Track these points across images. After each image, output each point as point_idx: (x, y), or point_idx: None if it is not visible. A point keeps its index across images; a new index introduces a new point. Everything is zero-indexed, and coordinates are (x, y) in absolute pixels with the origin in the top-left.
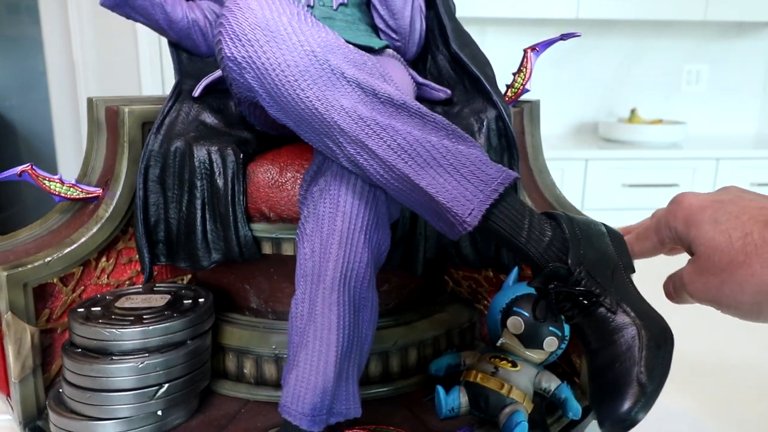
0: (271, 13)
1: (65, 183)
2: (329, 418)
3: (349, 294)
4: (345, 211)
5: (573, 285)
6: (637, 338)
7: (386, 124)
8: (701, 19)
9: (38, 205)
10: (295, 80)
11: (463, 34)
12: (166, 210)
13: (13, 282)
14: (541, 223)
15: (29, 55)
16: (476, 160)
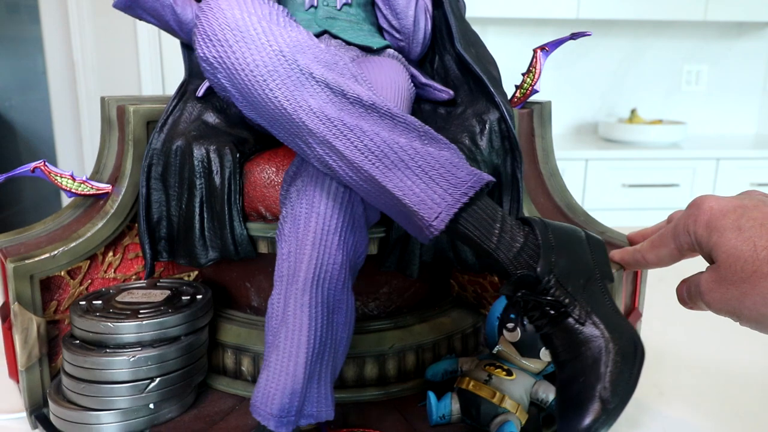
0: (241, 13)
1: (76, 179)
2: (299, 420)
3: (323, 295)
4: (319, 212)
5: (541, 294)
6: (604, 352)
7: (353, 124)
8: (701, 19)
9: (38, 205)
10: (263, 80)
11: (470, 34)
12: (168, 207)
13: (20, 274)
14: (514, 229)
15: (29, 54)
16: (446, 163)
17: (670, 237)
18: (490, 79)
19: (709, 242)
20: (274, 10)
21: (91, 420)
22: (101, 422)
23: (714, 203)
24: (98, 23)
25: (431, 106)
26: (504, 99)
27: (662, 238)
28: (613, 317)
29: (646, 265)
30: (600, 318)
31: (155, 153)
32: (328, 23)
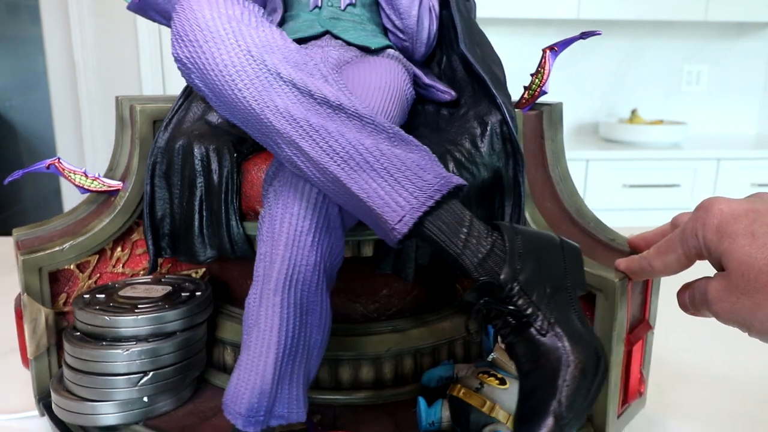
0: (211, 12)
1: (89, 176)
2: (270, 420)
3: (295, 296)
4: (293, 212)
5: (503, 302)
6: (563, 365)
7: (319, 125)
8: (701, 20)
9: (38, 206)
10: (232, 80)
11: (476, 34)
12: (171, 205)
13: (29, 266)
14: (482, 235)
15: (30, 55)
16: (413, 165)
17: (678, 242)
18: (493, 80)
19: (720, 248)
20: (246, 11)
21: (88, 410)
22: (97, 413)
23: (724, 206)
24: (99, 23)
25: (435, 107)
26: (507, 100)
27: (669, 243)
28: (578, 329)
29: (652, 273)
30: (563, 329)
31: (159, 151)
32: (331, 23)
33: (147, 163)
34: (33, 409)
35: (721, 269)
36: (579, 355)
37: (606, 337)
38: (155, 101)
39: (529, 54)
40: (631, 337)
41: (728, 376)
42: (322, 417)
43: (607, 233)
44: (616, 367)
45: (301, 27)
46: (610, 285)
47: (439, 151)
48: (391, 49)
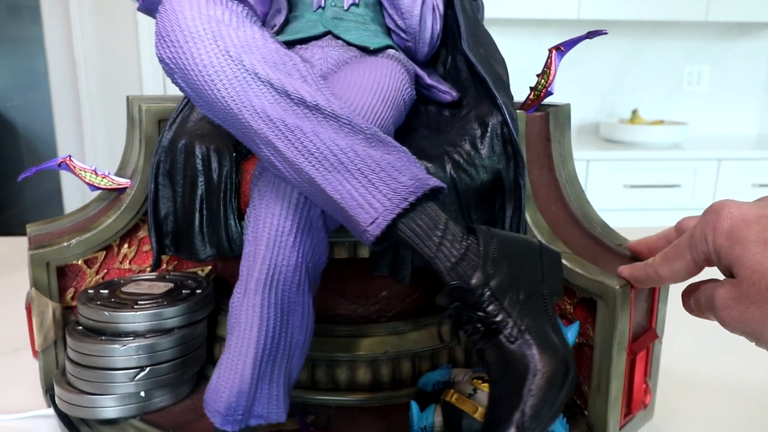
0: (192, 13)
1: (99, 174)
2: (249, 420)
3: (276, 297)
4: (275, 212)
5: (473, 307)
6: (530, 374)
7: (294, 125)
8: (702, 20)
9: (38, 206)
10: (211, 80)
11: (481, 34)
12: (174, 203)
13: (36, 260)
14: (456, 238)
15: (31, 55)
16: (387, 167)
17: (686, 247)
18: (495, 80)
19: (731, 254)
20: (228, 11)
21: (87, 403)
22: (96, 406)
23: (735, 210)
24: (99, 23)
25: (437, 108)
26: (508, 101)
27: (676, 249)
28: (550, 338)
29: (659, 281)
30: (534, 337)
31: (163, 150)
32: (334, 23)
33: (151, 162)
34: (34, 409)
35: (731, 276)
36: (547, 364)
37: (606, 346)
38: (164, 101)
39: (530, 54)
40: (635, 347)
41: (736, 383)
42: (316, 417)
43: (613, 238)
44: (617, 378)
45: (304, 27)
46: (611, 292)
47: (437, 152)
48: (392, 49)
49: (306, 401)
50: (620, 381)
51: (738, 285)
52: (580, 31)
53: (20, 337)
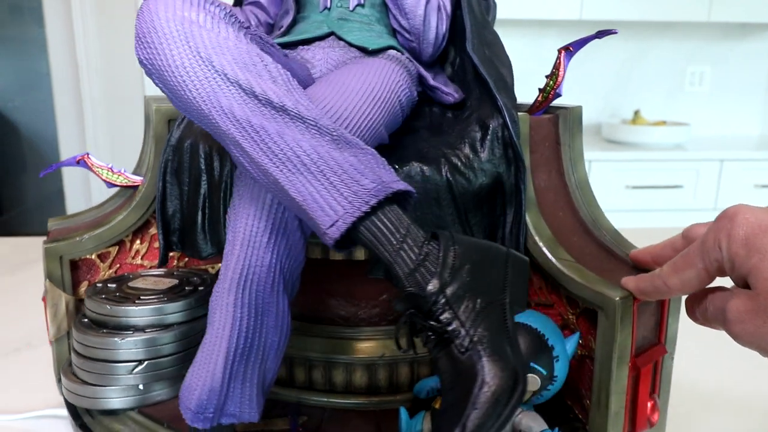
0: (166, 14)
1: (114, 171)
2: (220, 418)
3: (249, 297)
4: (249, 212)
5: (427, 315)
6: (477, 388)
7: (259, 126)
8: (705, 20)
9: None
10: (183, 81)
11: (487, 34)
12: (181, 201)
13: (50, 254)
14: (417, 244)
15: (33, 56)
16: (350, 169)
17: (697, 255)
18: (498, 81)
19: (747, 264)
20: (202, 12)
21: (88, 393)
22: (96, 396)
23: (750, 216)
24: (101, 24)
25: (441, 109)
26: (511, 103)
27: (687, 258)
28: (503, 350)
29: (667, 293)
30: (485, 348)
31: (171, 149)
32: (338, 24)
33: (160, 161)
34: (36, 410)
35: (745, 286)
36: (495, 378)
37: (606, 359)
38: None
39: (531, 55)
40: (638, 361)
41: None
42: (309, 418)
43: (624, 247)
44: (618, 393)
45: (309, 28)
46: (610, 303)
47: (435, 154)
48: (393, 50)
49: (301, 401)
50: (621, 396)
51: (754, 297)
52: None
53: (22, 337)
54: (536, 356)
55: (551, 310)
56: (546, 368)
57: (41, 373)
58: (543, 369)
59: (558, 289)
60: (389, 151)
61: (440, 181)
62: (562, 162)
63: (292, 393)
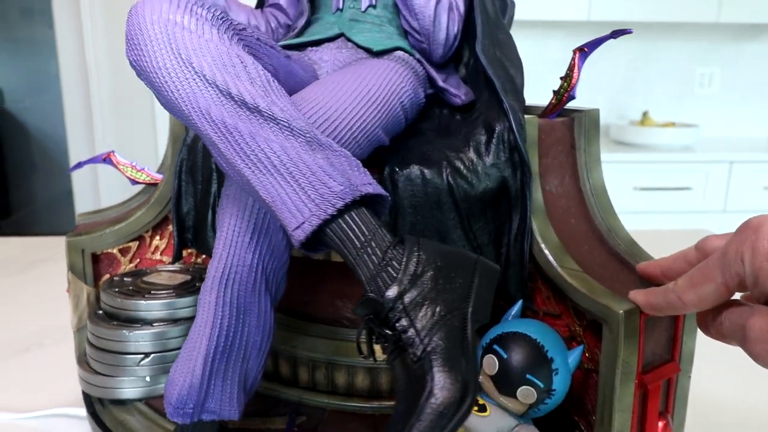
0: (152, 16)
1: (137, 168)
2: (201, 414)
3: (231, 295)
4: (233, 212)
5: (383, 321)
6: (424, 398)
7: (233, 126)
8: (714, 21)
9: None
10: (165, 82)
11: (499, 35)
12: (195, 200)
13: (72, 247)
14: (381, 248)
15: (43, 57)
16: (318, 171)
17: (717, 269)
18: (506, 83)
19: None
20: (187, 14)
21: (99, 383)
22: (106, 386)
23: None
24: (110, 26)
25: (450, 111)
26: (517, 106)
27: (705, 271)
28: (455, 362)
29: (682, 308)
30: (437, 359)
31: (187, 148)
32: (349, 25)
33: (176, 160)
34: (45, 408)
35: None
36: (442, 390)
37: (609, 374)
38: None
39: (537, 56)
40: (647, 379)
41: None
42: (307, 419)
43: (638, 257)
44: (622, 411)
45: (320, 29)
46: (614, 316)
47: (438, 157)
48: (401, 51)
49: (303, 401)
50: (626, 414)
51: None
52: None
53: (31, 337)
54: (533, 368)
55: (558, 321)
56: (543, 381)
57: (51, 372)
58: (540, 381)
59: (566, 299)
60: (391, 153)
61: (441, 185)
62: (577, 167)
63: (294, 392)
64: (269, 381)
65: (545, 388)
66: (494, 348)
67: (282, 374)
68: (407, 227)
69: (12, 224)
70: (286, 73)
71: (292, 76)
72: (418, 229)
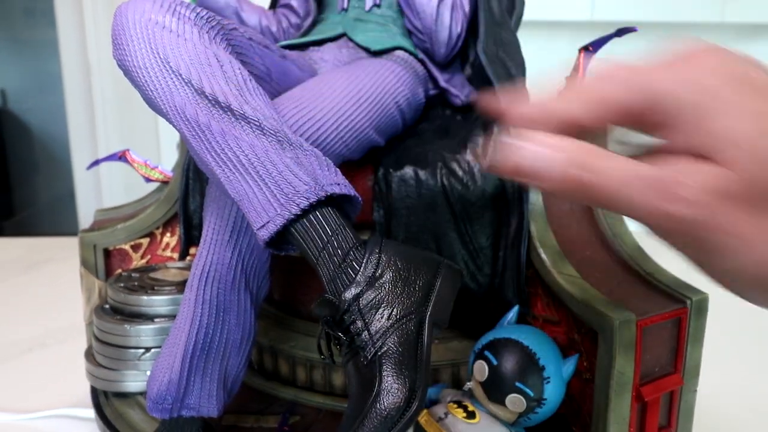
0: (134, 16)
1: (150, 166)
2: (180, 410)
3: (210, 294)
4: (213, 211)
5: (338, 323)
6: (370, 404)
7: (205, 125)
8: (718, 21)
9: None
10: (145, 80)
11: (503, 34)
12: (202, 198)
13: (85, 242)
14: (342, 249)
15: (45, 58)
16: (285, 170)
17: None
18: (507, 82)
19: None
20: (168, 14)
21: (102, 375)
22: (109, 379)
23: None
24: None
25: (452, 112)
26: None
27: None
28: (408, 365)
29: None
30: (387, 363)
31: None
32: (353, 25)
33: (184, 159)
34: (48, 408)
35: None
36: (389, 394)
37: (604, 385)
38: None
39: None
40: (645, 391)
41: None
42: (301, 418)
43: (644, 265)
44: (618, 423)
45: (325, 29)
46: (608, 325)
47: (434, 158)
48: (402, 50)
49: (299, 401)
50: (622, 427)
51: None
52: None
53: (35, 338)
54: (523, 376)
55: (557, 328)
56: (533, 389)
57: (54, 373)
58: (529, 390)
59: (565, 306)
60: (387, 154)
61: (434, 186)
62: None
63: (291, 391)
64: (268, 379)
65: (535, 397)
66: (485, 354)
67: (281, 373)
68: (401, 229)
69: (15, 225)
70: (280, 72)
71: (287, 76)
72: (412, 231)
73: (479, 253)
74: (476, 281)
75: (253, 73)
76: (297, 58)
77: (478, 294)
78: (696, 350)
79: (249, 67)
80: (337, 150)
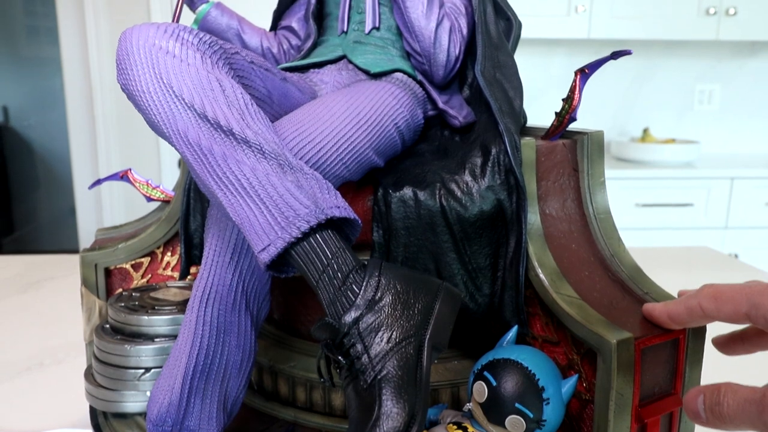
0: (138, 41)
1: (152, 186)
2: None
3: (211, 315)
4: (214, 233)
5: (338, 347)
6: (369, 426)
7: (207, 149)
8: (714, 39)
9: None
10: (148, 105)
11: (500, 56)
12: (203, 217)
13: (86, 262)
14: (342, 273)
15: (48, 75)
16: (285, 194)
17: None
18: (503, 105)
19: None
20: (172, 39)
21: (101, 396)
22: (107, 399)
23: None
24: (116, 45)
25: (450, 133)
26: (514, 128)
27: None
28: (403, 392)
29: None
30: (387, 387)
31: None
32: (353, 47)
33: (185, 179)
34: (47, 429)
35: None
36: (388, 419)
37: (603, 406)
38: None
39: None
40: (644, 412)
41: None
42: None
43: (642, 286)
44: None
45: (325, 51)
46: (607, 346)
47: (433, 179)
48: (400, 72)
49: (298, 421)
50: None
51: None
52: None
53: (33, 357)
54: (523, 397)
55: (557, 349)
56: (533, 410)
57: (53, 393)
58: (529, 411)
59: (564, 326)
60: (386, 175)
61: (434, 207)
62: (580, 190)
63: (290, 412)
64: (268, 399)
65: (535, 418)
66: (484, 374)
67: (281, 393)
68: (401, 249)
69: (15, 241)
70: (281, 94)
71: (287, 98)
72: (411, 251)
73: (478, 273)
74: (475, 301)
75: (255, 95)
76: (298, 80)
77: (478, 314)
78: (695, 371)
79: (250, 90)
80: (337, 172)
